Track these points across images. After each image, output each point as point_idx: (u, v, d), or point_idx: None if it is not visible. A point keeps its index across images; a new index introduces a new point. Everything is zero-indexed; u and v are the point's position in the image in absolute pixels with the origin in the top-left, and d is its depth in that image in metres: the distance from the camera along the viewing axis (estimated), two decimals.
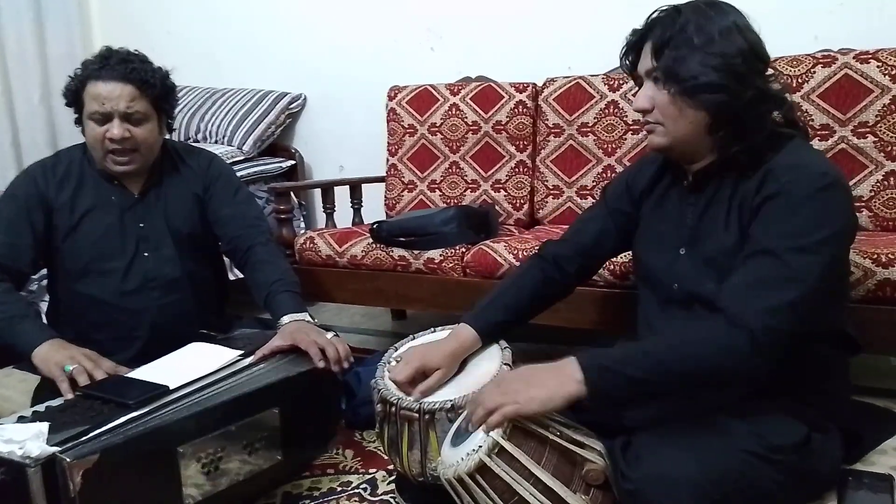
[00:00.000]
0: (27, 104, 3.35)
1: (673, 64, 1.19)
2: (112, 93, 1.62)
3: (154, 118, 1.70)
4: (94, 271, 1.71)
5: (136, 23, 3.50)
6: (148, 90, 1.66)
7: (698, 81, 1.16)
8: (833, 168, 1.19)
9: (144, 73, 1.65)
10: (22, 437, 1.13)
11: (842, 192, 1.16)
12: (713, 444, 1.12)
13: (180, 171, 1.82)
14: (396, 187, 2.68)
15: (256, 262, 1.74)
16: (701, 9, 1.19)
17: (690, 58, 1.17)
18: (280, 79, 3.19)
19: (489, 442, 1.08)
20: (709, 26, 1.17)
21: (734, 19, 1.18)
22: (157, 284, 1.73)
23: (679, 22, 1.19)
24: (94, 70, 1.64)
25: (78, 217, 1.71)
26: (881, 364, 2.09)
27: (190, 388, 1.35)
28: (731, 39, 1.16)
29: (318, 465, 1.60)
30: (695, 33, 1.17)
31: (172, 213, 1.77)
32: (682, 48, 1.18)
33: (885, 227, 1.91)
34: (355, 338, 2.62)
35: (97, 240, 1.71)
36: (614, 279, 1.78)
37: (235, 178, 1.93)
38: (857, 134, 1.94)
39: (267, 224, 1.92)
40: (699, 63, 1.16)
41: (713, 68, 1.16)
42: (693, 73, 1.17)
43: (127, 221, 1.74)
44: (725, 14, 1.19)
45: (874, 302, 1.56)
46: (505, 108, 2.49)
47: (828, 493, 1.30)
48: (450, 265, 2.04)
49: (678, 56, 1.18)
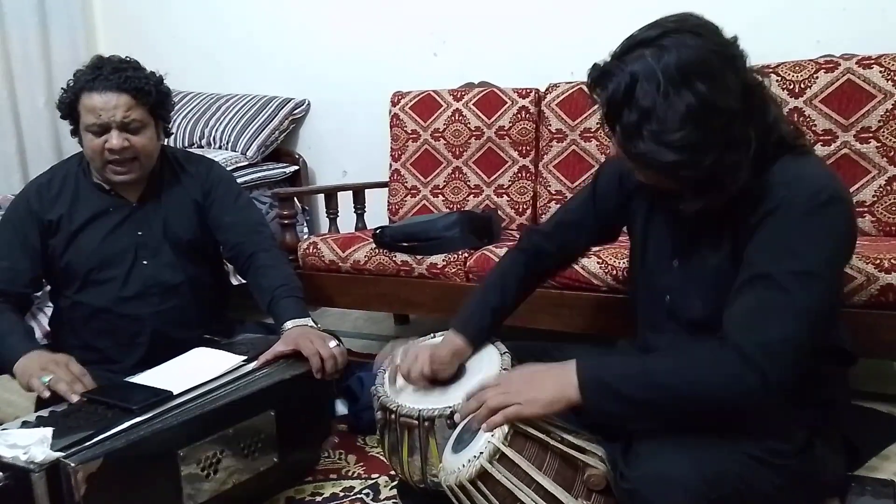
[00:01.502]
0: (32, 109, 3.37)
1: (623, 141, 1.07)
2: (108, 103, 1.61)
3: (151, 125, 1.70)
4: (93, 281, 1.71)
5: (139, 28, 3.52)
6: (143, 98, 1.65)
7: (653, 158, 1.05)
8: (833, 180, 1.12)
9: (138, 80, 1.65)
10: (26, 442, 1.14)
11: (842, 205, 1.10)
12: (712, 446, 1.11)
13: (180, 179, 1.81)
14: (399, 192, 2.68)
15: (260, 267, 1.74)
16: (645, 59, 1.03)
17: (640, 136, 1.04)
18: (283, 84, 3.20)
19: (490, 448, 1.08)
20: (650, 91, 1.02)
21: (686, 58, 1.01)
22: (157, 290, 1.73)
23: (623, 86, 1.04)
24: (87, 81, 1.63)
25: (75, 230, 1.70)
26: (884, 369, 2.08)
27: (193, 393, 1.36)
28: (679, 100, 1.01)
29: (320, 470, 1.61)
30: (642, 98, 1.02)
31: (172, 220, 1.77)
32: (630, 117, 1.04)
33: (887, 232, 1.91)
34: (358, 342, 2.62)
35: (95, 250, 1.70)
36: (617, 284, 1.79)
37: (235, 184, 1.92)
38: (859, 139, 1.94)
39: (269, 229, 1.92)
40: (651, 139, 1.03)
41: (662, 145, 1.03)
42: (645, 150, 1.04)
43: (125, 230, 1.73)
44: (675, 52, 1.02)
45: (877, 307, 1.55)
46: (508, 113, 2.49)
47: (830, 499, 1.30)
48: (453, 270, 2.04)
49: (629, 131, 1.05)
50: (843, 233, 1.11)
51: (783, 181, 1.10)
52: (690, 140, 1.02)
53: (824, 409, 1.24)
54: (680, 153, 1.03)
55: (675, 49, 1.03)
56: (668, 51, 1.03)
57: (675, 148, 1.03)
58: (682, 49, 1.03)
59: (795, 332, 1.05)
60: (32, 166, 3.32)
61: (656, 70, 1.02)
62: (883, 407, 1.75)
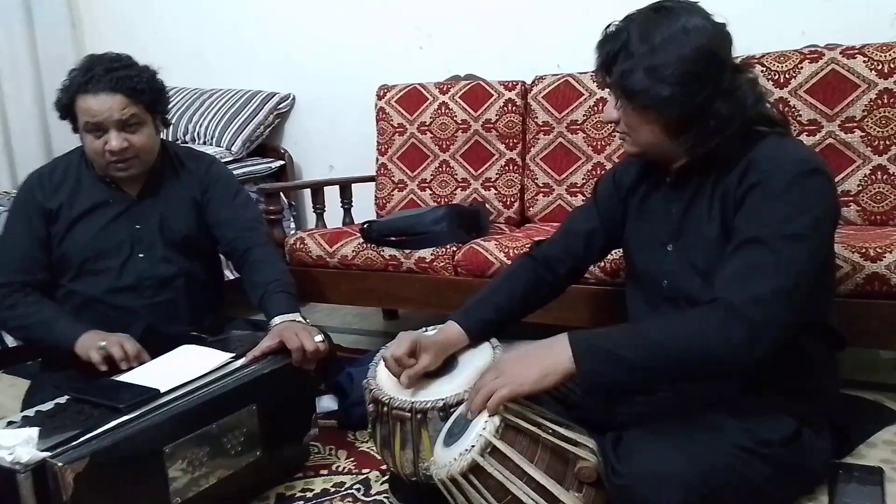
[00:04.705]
0: (19, 108, 3.34)
1: (620, 79, 1.18)
2: (103, 105, 1.63)
3: (149, 121, 1.71)
4: (88, 270, 1.73)
5: (124, 24, 3.49)
6: (138, 96, 1.66)
7: (648, 94, 1.15)
8: (814, 156, 1.19)
9: (131, 80, 1.65)
10: (11, 443, 1.12)
11: (824, 177, 1.15)
12: (702, 440, 1.12)
13: (179, 175, 1.83)
14: (386, 187, 2.67)
15: (254, 262, 1.75)
16: (648, 16, 1.17)
17: (635, 71, 1.15)
18: (268, 79, 3.18)
19: (482, 441, 1.08)
20: (653, 35, 1.14)
21: (683, 23, 1.14)
22: (151, 284, 1.74)
23: (623, 35, 1.17)
24: (80, 84, 1.64)
25: (74, 218, 1.72)
26: (871, 357, 2.10)
27: (180, 391, 1.35)
28: (676, 46, 1.13)
29: (310, 466, 1.60)
30: (637, 45, 1.15)
31: (169, 215, 1.78)
32: (626, 62, 1.16)
33: (872, 221, 1.93)
34: (347, 338, 2.62)
35: (92, 240, 1.72)
36: (605, 276, 1.79)
37: (235, 182, 1.93)
38: (844, 129, 1.95)
39: (265, 227, 1.94)
40: (643, 76, 1.14)
41: (657, 80, 1.14)
42: (639, 88, 1.16)
43: (123, 222, 1.75)
44: (674, 18, 1.15)
45: (863, 296, 1.56)
46: (494, 106, 2.49)
47: (819, 488, 1.31)
48: (441, 264, 2.04)
49: (624, 71, 1.17)
50: (826, 199, 1.15)
51: (768, 156, 1.16)
52: (685, 78, 1.13)
53: (813, 397, 1.25)
54: (673, 88, 1.13)
55: (677, 10, 1.16)
56: (670, 10, 1.16)
57: (670, 83, 1.13)
58: (683, 12, 1.16)
59: (782, 284, 1.07)
60: (20, 164, 3.29)
61: (659, 20, 1.15)
62: (869, 395, 1.77)
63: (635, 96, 1.17)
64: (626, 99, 1.19)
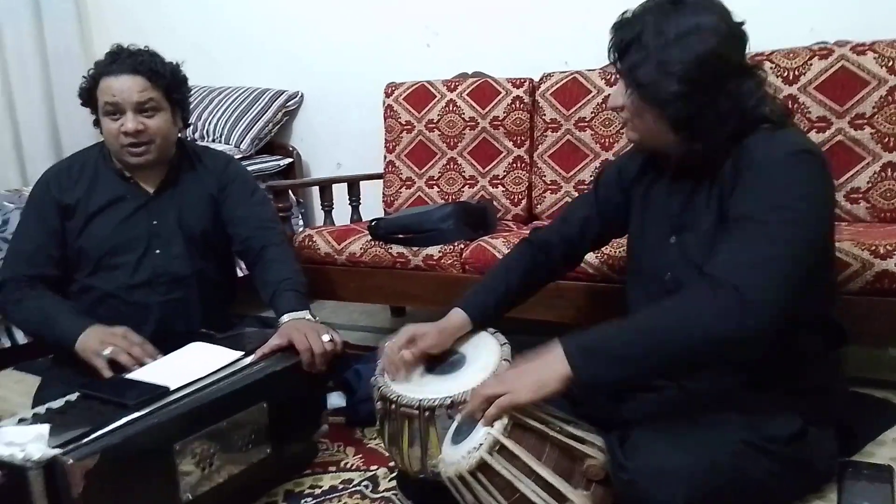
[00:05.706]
0: (28, 103, 3.34)
1: (632, 68, 1.19)
2: (123, 85, 1.66)
3: (167, 109, 1.73)
4: (105, 266, 1.73)
5: (132, 20, 3.48)
6: (158, 80, 1.69)
7: (655, 88, 1.16)
8: (808, 142, 1.19)
9: (154, 63, 1.69)
10: (23, 440, 1.13)
11: (817, 159, 1.14)
12: (708, 436, 1.12)
13: (197, 172, 1.84)
14: (394, 184, 2.68)
15: (267, 261, 1.75)
16: (665, 9, 1.17)
17: (647, 63, 1.16)
18: (277, 76, 3.18)
19: (490, 440, 1.08)
20: (668, 30, 1.15)
21: (698, 21, 1.14)
22: (165, 280, 1.75)
23: (638, 26, 1.18)
24: (104, 67, 1.69)
25: (91, 214, 1.73)
26: (880, 355, 2.09)
27: (189, 388, 1.36)
28: (690, 44, 1.13)
29: (318, 463, 1.61)
30: (652, 38, 1.15)
31: (186, 211, 1.79)
32: (638, 53, 1.17)
33: (882, 218, 1.92)
34: (354, 335, 2.62)
35: (109, 235, 1.73)
36: (612, 273, 1.79)
37: (252, 181, 1.94)
38: (854, 126, 1.94)
39: (280, 226, 1.93)
40: (655, 69, 1.15)
41: (668, 75, 1.14)
42: (649, 80, 1.17)
43: (140, 218, 1.76)
44: (691, 14, 1.15)
45: (873, 294, 1.55)
46: (502, 103, 2.48)
47: (827, 486, 1.30)
48: (448, 261, 2.04)
49: (636, 61, 1.18)
50: (816, 177, 1.14)
51: (761, 143, 1.16)
52: (693, 75, 1.13)
53: (818, 395, 1.25)
54: (681, 84, 1.14)
55: (693, 6, 1.15)
56: (686, 6, 1.16)
57: (678, 79, 1.14)
58: (700, 9, 1.15)
59: (771, 252, 1.06)
60: (29, 160, 3.30)
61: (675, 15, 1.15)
62: (879, 392, 1.76)
63: (643, 88, 1.18)
64: (634, 88, 1.21)
